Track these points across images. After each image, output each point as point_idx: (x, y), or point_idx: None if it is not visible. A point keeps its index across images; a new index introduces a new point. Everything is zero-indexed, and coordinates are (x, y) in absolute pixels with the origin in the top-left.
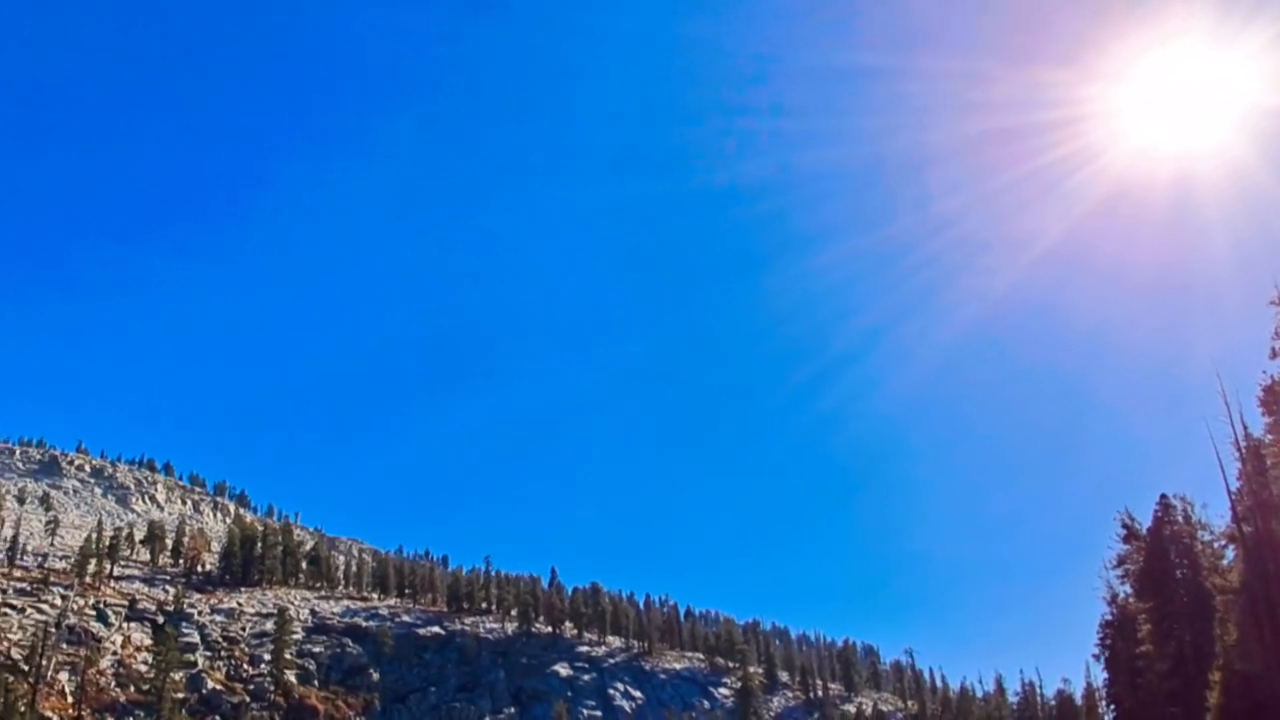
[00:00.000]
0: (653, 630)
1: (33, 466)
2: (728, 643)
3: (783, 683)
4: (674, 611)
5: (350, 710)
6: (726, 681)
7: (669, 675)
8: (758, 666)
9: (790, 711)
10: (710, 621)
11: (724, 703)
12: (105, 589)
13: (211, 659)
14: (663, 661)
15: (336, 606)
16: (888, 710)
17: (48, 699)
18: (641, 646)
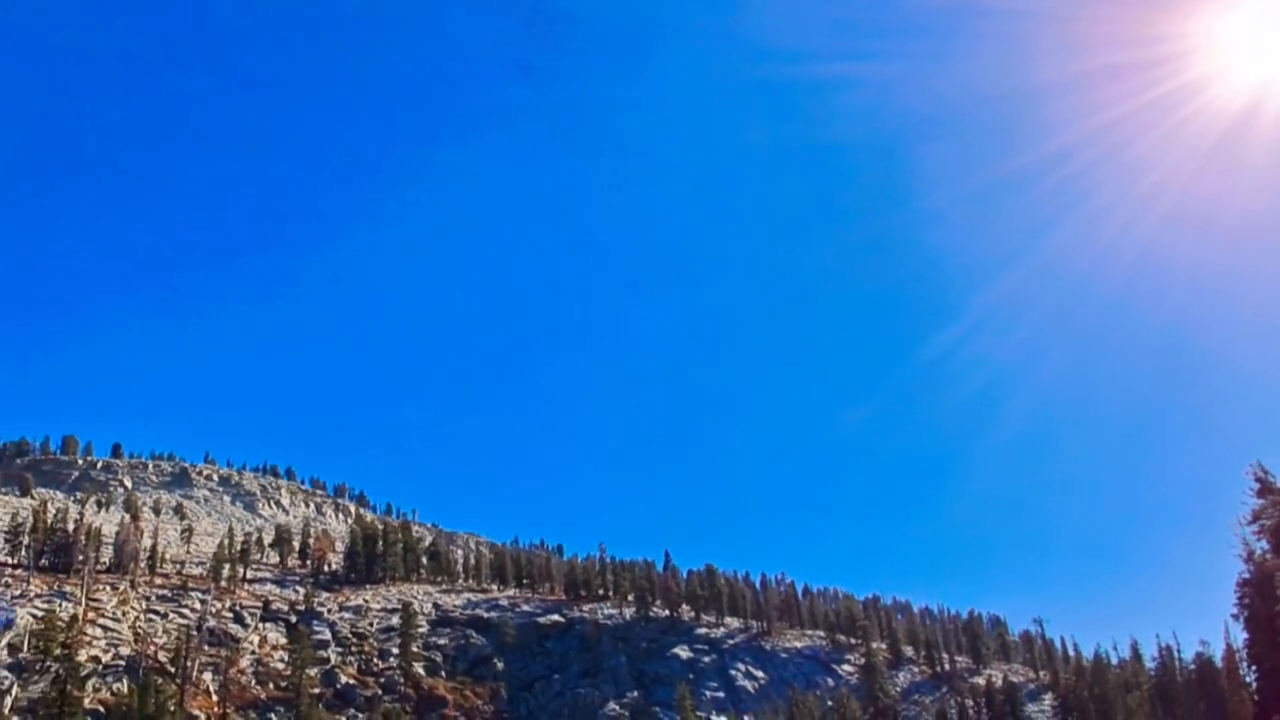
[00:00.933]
0: (770, 610)
1: (165, 479)
2: (848, 619)
3: (907, 658)
4: (791, 590)
5: (478, 699)
6: (849, 658)
7: (790, 654)
8: (880, 642)
9: (917, 686)
10: (829, 599)
11: (848, 679)
12: (240, 592)
13: (343, 655)
14: (783, 640)
15: (458, 599)
16: (1019, 682)
17: (194, 698)
18: (760, 626)
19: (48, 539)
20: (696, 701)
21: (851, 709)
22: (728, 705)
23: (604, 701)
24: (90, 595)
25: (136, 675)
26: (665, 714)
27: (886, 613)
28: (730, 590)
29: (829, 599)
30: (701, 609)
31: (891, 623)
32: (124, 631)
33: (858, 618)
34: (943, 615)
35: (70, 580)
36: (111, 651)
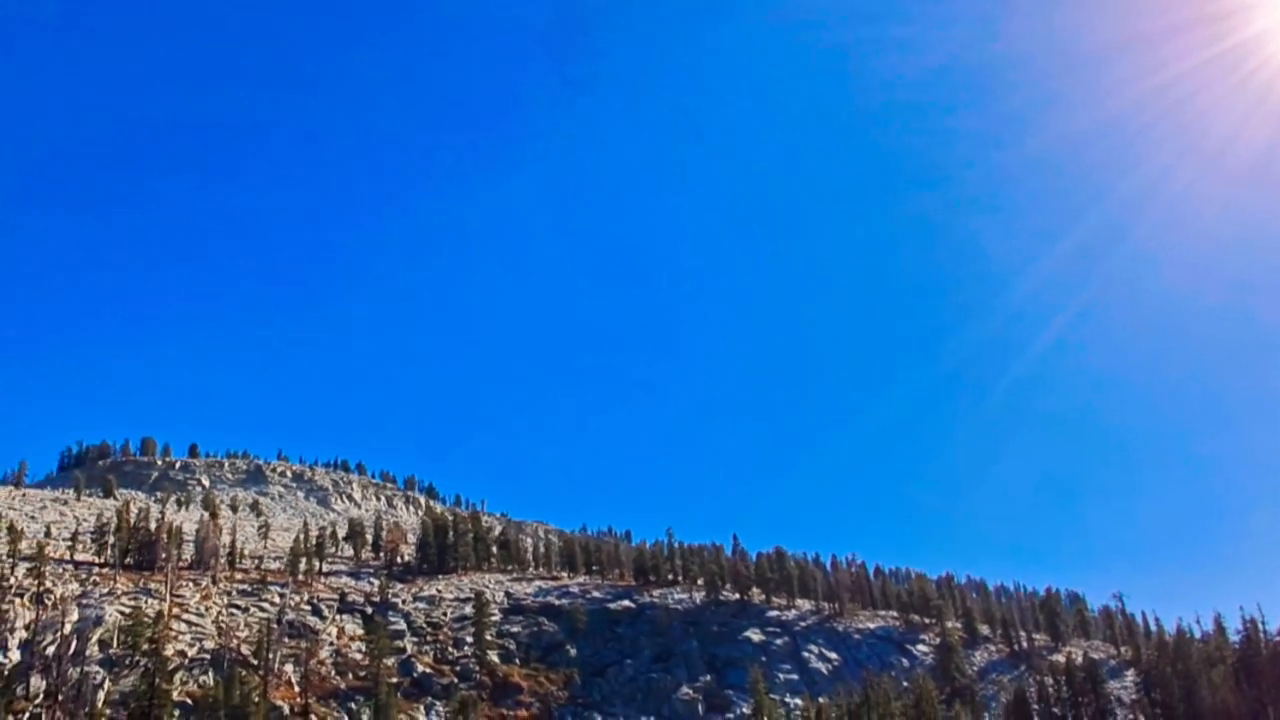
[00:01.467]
0: (842, 591)
1: (241, 476)
2: (921, 599)
3: (984, 636)
4: (862, 570)
5: (552, 685)
6: (924, 638)
7: (863, 635)
8: (956, 621)
9: (994, 665)
10: (901, 579)
11: (923, 659)
12: (316, 585)
13: (419, 644)
14: (855, 621)
15: (529, 587)
16: (1099, 658)
17: (277, 689)
18: (832, 608)
19: (132, 538)
20: (770, 684)
21: (928, 689)
22: (801, 687)
23: (677, 686)
24: (174, 591)
25: (221, 668)
26: (738, 697)
27: (961, 591)
28: (801, 572)
29: (901, 579)
30: (772, 591)
31: (966, 601)
32: (208, 626)
33: (931, 597)
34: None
35: (154, 577)
36: (196, 645)
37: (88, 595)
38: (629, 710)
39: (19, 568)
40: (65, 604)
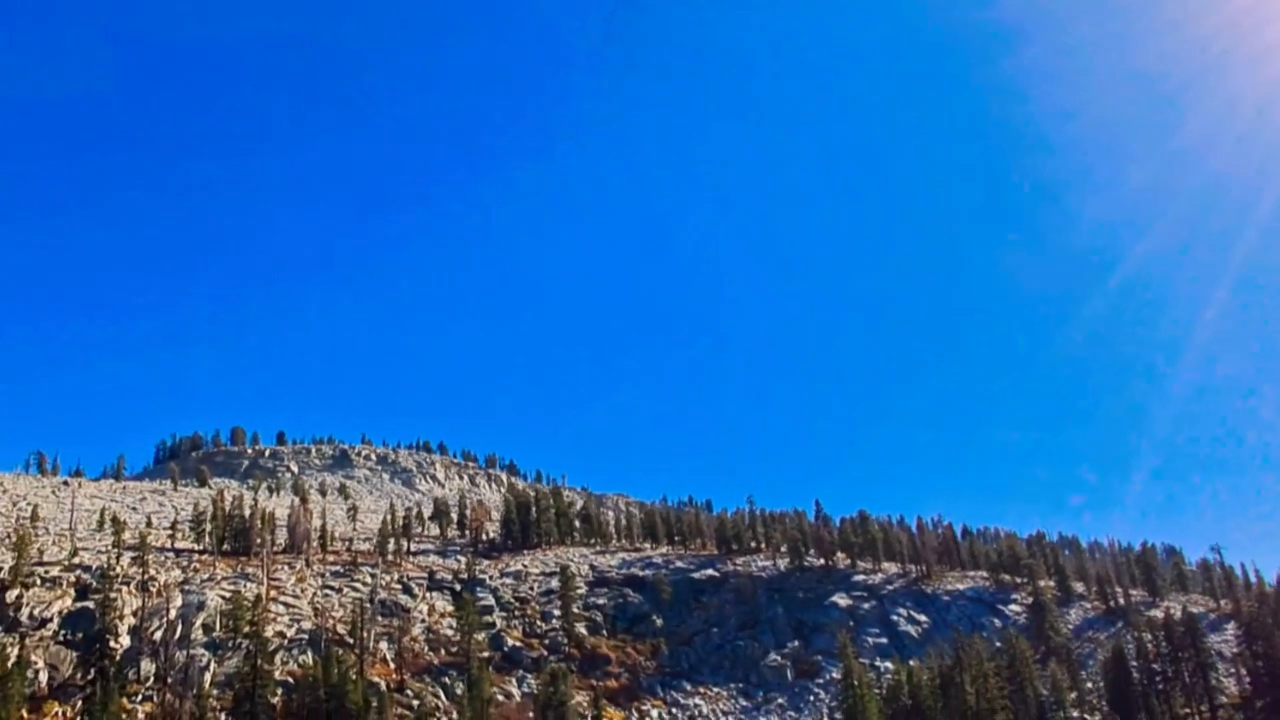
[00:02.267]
0: (929, 553)
1: (327, 462)
2: (1011, 558)
3: (1078, 594)
4: (949, 532)
5: (639, 655)
6: (1016, 598)
7: (952, 596)
8: (1048, 579)
9: (1090, 623)
10: (989, 539)
11: (1016, 620)
12: (406, 564)
13: (507, 619)
14: (944, 583)
15: (613, 559)
16: (1198, 612)
17: (373, 666)
18: (919, 570)
19: (227, 525)
20: (858, 649)
21: (1021, 649)
22: (891, 651)
23: (764, 653)
24: (270, 575)
25: (319, 647)
26: (827, 662)
27: (1052, 549)
28: (885, 535)
29: (989, 539)
30: (857, 556)
31: (1059, 559)
32: (304, 607)
33: (1022, 556)
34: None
35: (251, 562)
36: (294, 627)
37: (189, 582)
38: (717, 678)
39: (124, 557)
40: (169, 591)
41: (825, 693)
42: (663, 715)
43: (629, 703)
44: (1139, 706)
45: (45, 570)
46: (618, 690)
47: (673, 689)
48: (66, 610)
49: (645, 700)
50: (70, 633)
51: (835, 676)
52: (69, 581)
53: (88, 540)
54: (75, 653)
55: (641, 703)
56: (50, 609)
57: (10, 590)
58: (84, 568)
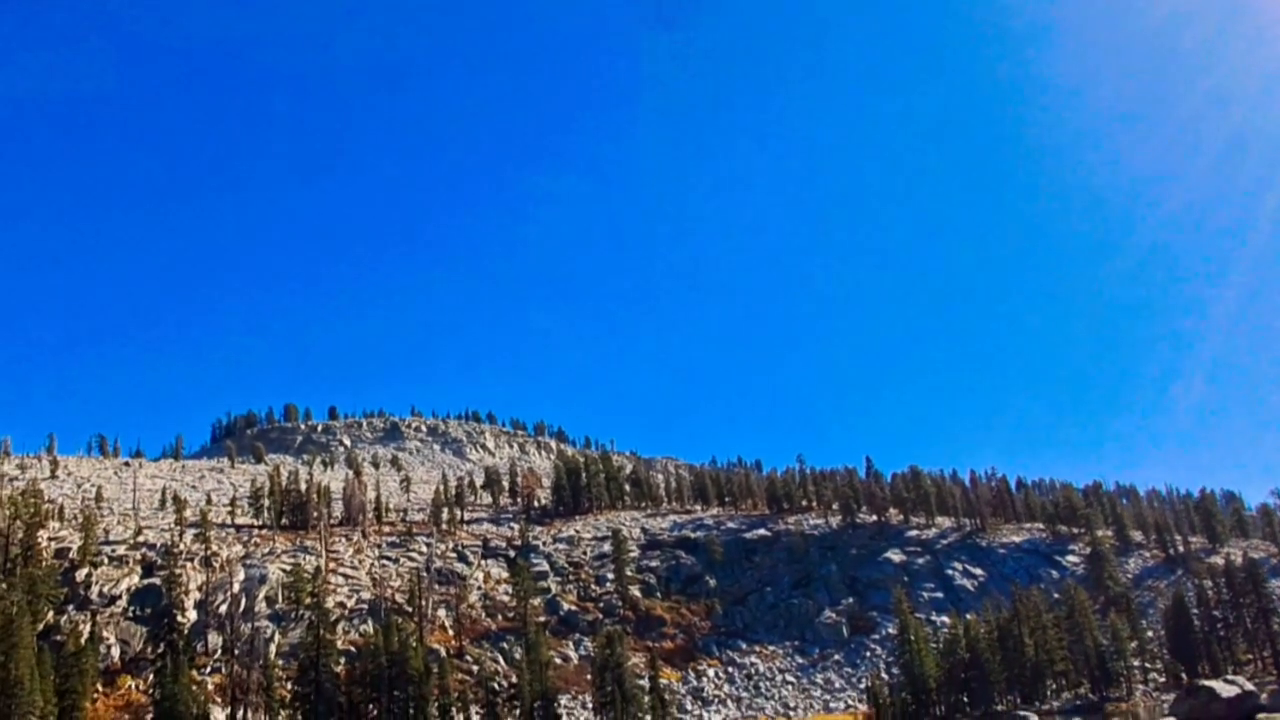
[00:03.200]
0: (983, 506)
1: (379, 434)
2: (1068, 509)
3: (1136, 543)
4: (1003, 484)
5: (694, 616)
6: (1074, 548)
7: (1008, 549)
8: (1106, 529)
9: (1149, 571)
10: (1044, 490)
11: (1074, 570)
12: (460, 533)
13: (562, 584)
14: (999, 536)
15: (664, 522)
16: (1259, 558)
17: (432, 633)
18: (973, 524)
19: (284, 500)
20: (913, 604)
21: (1080, 599)
22: (947, 605)
23: (819, 610)
24: (329, 548)
25: (379, 616)
26: (883, 618)
27: (1110, 499)
28: (938, 490)
29: (1044, 490)
30: (909, 511)
31: (1116, 508)
32: (362, 578)
33: (1078, 506)
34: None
35: (309, 535)
36: (354, 597)
37: (250, 556)
38: (772, 636)
39: (186, 534)
40: (231, 566)
41: (881, 648)
42: (719, 674)
43: (685, 663)
44: (1200, 654)
45: (112, 549)
46: (673, 651)
47: (728, 648)
48: (134, 587)
49: (701, 660)
50: (139, 609)
51: (891, 632)
52: (135, 559)
53: (151, 519)
54: (144, 628)
55: (698, 662)
56: (118, 586)
57: (79, 569)
58: (149, 546)
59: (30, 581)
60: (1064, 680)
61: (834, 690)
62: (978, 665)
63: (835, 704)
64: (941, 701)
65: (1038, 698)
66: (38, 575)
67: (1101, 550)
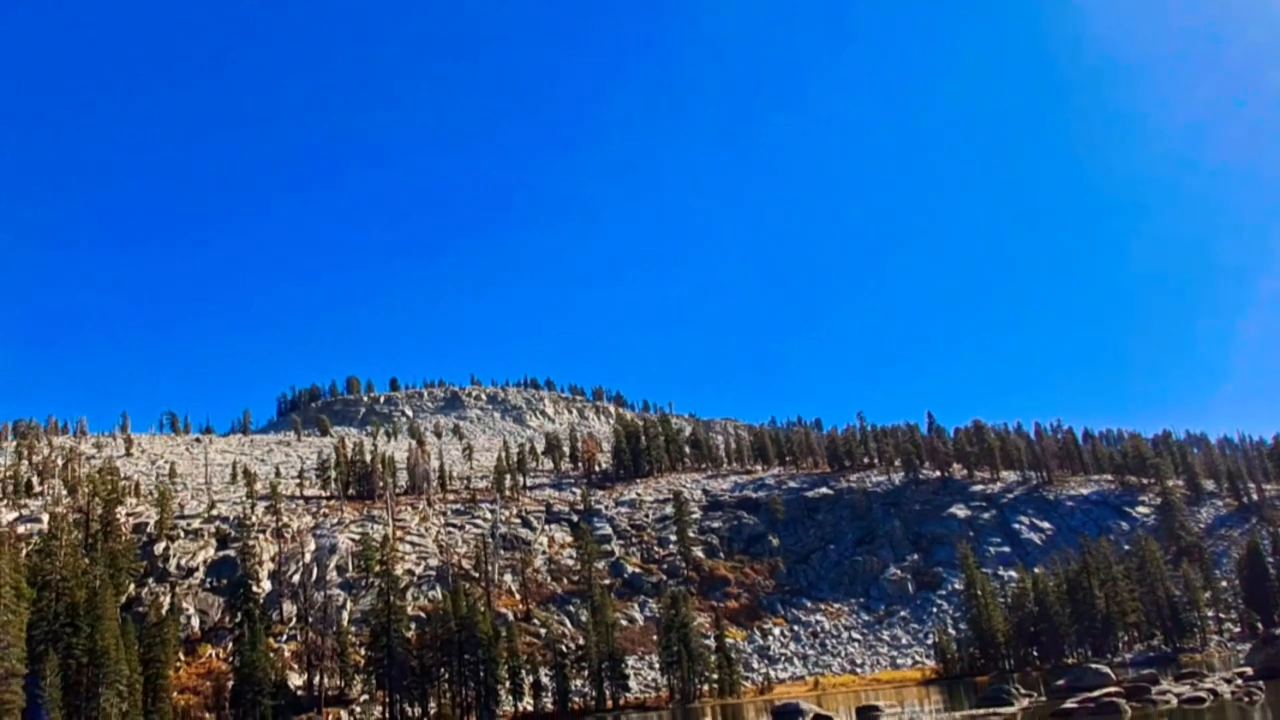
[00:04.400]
0: (1049, 459)
1: (439, 404)
2: (1137, 459)
3: (1209, 491)
4: (1069, 436)
5: (757, 575)
6: (1143, 499)
7: (1076, 501)
8: (1176, 479)
9: (1222, 520)
10: (1112, 440)
11: (1144, 521)
12: (523, 499)
13: (625, 546)
14: (1066, 489)
15: (724, 483)
16: None
17: (499, 598)
18: (1040, 477)
19: (350, 471)
20: (980, 559)
21: (1151, 550)
22: (1014, 559)
23: (883, 566)
24: (395, 516)
25: (446, 582)
26: (948, 573)
27: (1180, 448)
28: (1002, 443)
29: (1112, 440)
30: (973, 466)
31: (1187, 458)
32: (429, 545)
33: (1148, 456)
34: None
35: (375, 505)
36: (422, 564)
37: (320, 526)
38: (836, 594)
39: (258, 507)
40: (302, 536)
41: (948, 604)
42: (784, 633)
43: (750, 622)
44: (1275, 602)
45: (187, 523)
46: (738, 610)
47: (793, 606)
48: (210, 559)
49: (766, 619)
50: (215, 580)
51: (957, 587)
52: (210, 532)
53: (223, 493)
54: (221, 598)
55: (762, 621)
56: (195, 558)
57: (157, 543)
58: (222, 519)
59: (111, 556)
60: (1136, 632)
61: (900, 646)
62: (1047, 619)
63: (902, 660)
64: (1010, 655)
65: (1109, 650)
66: (118, 550)
67: (1172, 500)
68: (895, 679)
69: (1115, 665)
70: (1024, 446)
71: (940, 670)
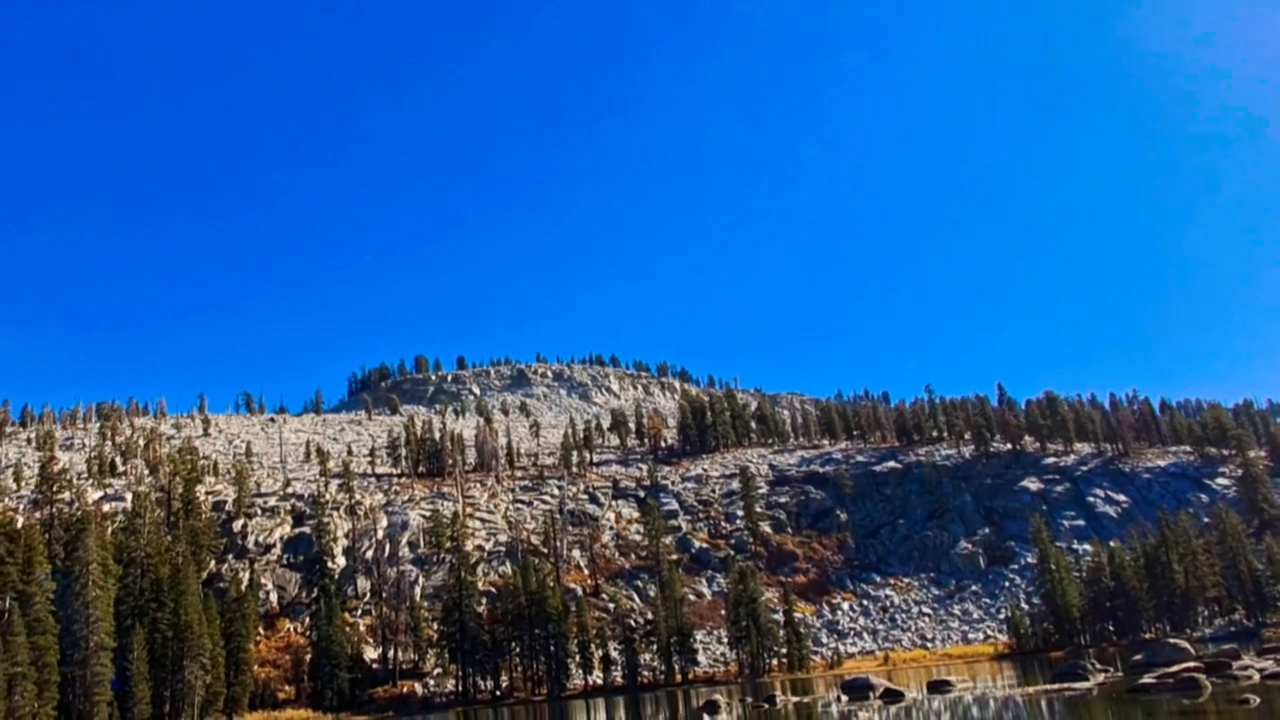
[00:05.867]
0: (1125, 430)
1: (506, 382)
2: (1217, 430)
3: None
4: (1146, 406)
5: (826, 550)
6: (1224, 471)
7: (1153, 474)
8: (1259, 449)
9: None
10: (1191, 411)
11: (1224, 493)
12: (590, 475)
13: (692, 522)
14: (1143, 461)
15: (791, 458)
16: None
17: (568, 573)
18: (1115, 449)
19: (420, 449)
20: (1053, 532)
21: (1232, 523)
22: (1089, 533)
23: (954, 541)
24: (465, 493)
25: (516, 558)
26: (1021, 548)
27: (1262, 417)
28: (1076, 415)
29: (1191, 411)
30: (1046, 438)
31: (1270, 427)
32: (498, 521)
33: (1228, 427)
34: None
35: (445, 482)
36: (491, 540)
37: (391, 504)
38: (906, 568)
39: (331, 485)
40: (375, 513)
41: (1020, 578)
42: (853, 607)
43: (819, 596)
44: None
45: (264, 501)
46: (806, 585)
47: (862, 581)
48: (286, 536)
49: (835, 593)
50: (291, 556)
51: (1030, 561)
52: (285, 510)
53: (297, 471)
54: (298, 574)
55: (831, 596)
56: (272, 535)
57: (236, 520)
58: (297, 496)
59: (192, 533)
60: (1216, 607)
61: (972, 621)
62: (1123, 593)
63: (974, 635)
64: (1085, 631)
65: (1188, 625)
66: (199, 527)
67: (1254, 472)
68: (967, 654)
69: (1194, 640)
70: (1098, 418)
71: (1013, 645)
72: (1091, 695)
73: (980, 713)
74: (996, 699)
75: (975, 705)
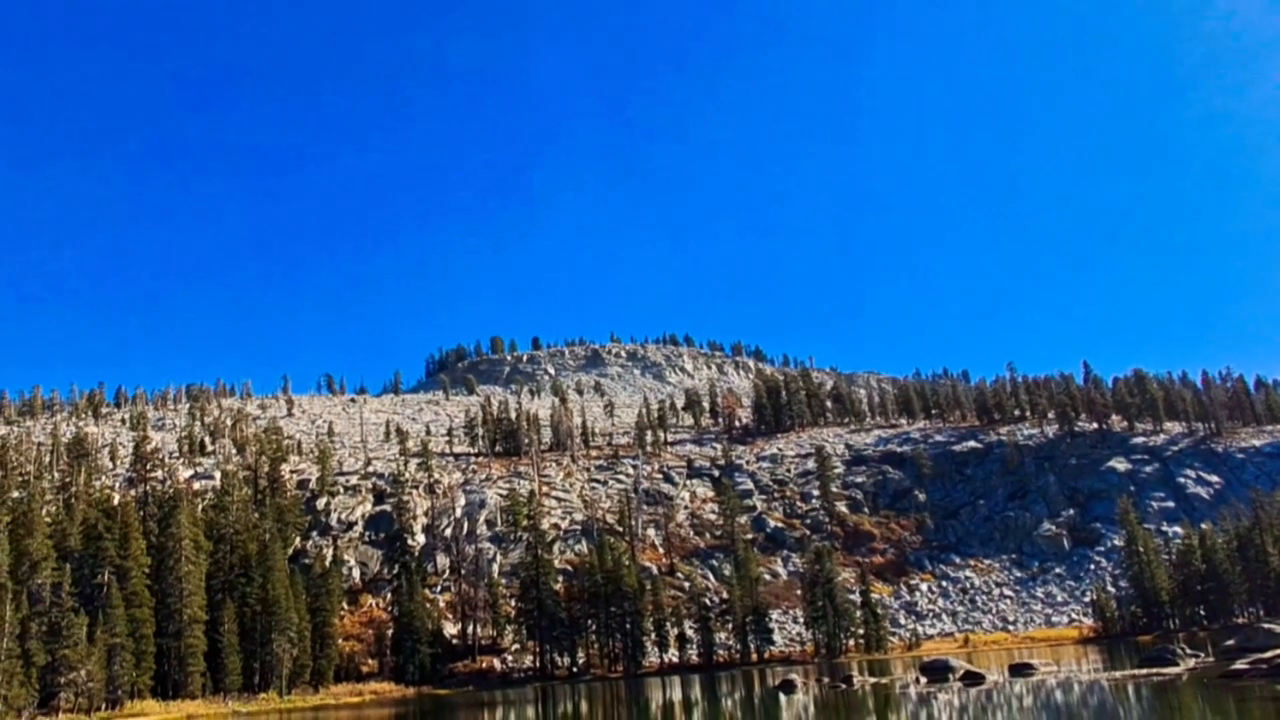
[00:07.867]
0: (1217, 409)
1: (580, 362)
2: None
3: None
4: (1240, 384)
5: (904, 531)
6: None
7: (1248, 454)
8: None
9: None
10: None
11: None
12: (664, 454)
13: (767, 501)
14: (1237, 440)
15: (868, 437)
16: None
17: (643, 552)
18: (1207, 428)
19: (497, 429)
20: (1141, 514)
21: None
22: (1179, 515)
23: (1037, 522)
24: (540, 472)
25: (592, 536)
26: (1107, 529)
27: None
28: (1166, 393)
29: None
30: (1134, 417)
31: None
32: (574, 500)
33: None
34: None
35: (521, 461)
36: (567, 519)
37: (469, 482)
38: (986, 550)
39: (410, 464)
40: (453, 492)
41: (1106, 561)
42: (932, 588)
43: (896, 577)
44: None
45: (346, 479)
46: (883, 566)
47: (941, 562)
48: (368, 514)
49: (913, 574)
50: (373, 533)
51: (1117, 544)
52: (367, 488)
53: (377, 450)
54: (379, 551)
55: (909, 577)
56: (354, 513)
57: (319, 499)
58: (378, 475)
59: (278, 511)
60: None
61: (1055, 604)
62: (1215, 577)
63: (1057, 618)
64: (1175, 615)
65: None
66: (284, 505)
67: None
68: (1050, 637)
69: None
70: (1190, 396)
71: (1099, 629)
72: (1181, 681)
73: (1064, 697)
74: (1081, 683)
75: (1059, 689)
